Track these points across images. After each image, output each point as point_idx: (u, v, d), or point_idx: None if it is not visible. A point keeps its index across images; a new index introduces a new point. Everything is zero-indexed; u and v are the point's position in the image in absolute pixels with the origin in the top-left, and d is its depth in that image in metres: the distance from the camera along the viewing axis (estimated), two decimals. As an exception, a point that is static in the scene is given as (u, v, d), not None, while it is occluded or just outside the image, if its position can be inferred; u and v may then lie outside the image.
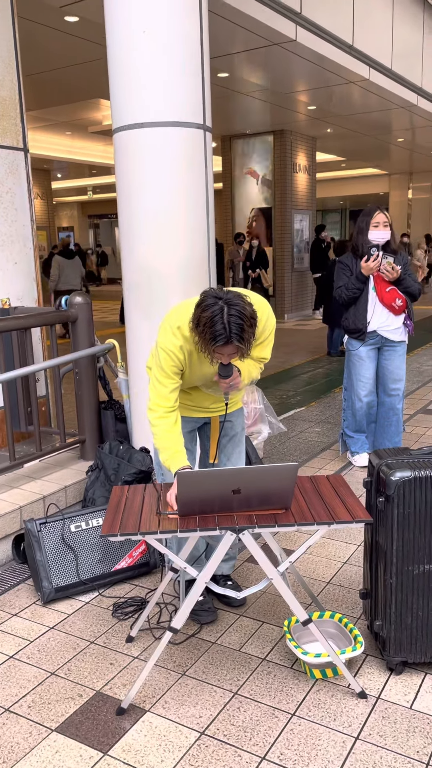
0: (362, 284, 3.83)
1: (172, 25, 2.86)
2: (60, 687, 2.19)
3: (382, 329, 3.89)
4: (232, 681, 2.20)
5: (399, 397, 4.04)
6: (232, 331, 1.94)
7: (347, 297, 3.89)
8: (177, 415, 2.26)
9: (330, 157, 15.39)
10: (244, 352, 2.02)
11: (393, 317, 3.87)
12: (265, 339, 2.27)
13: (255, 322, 1.99)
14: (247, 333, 1.96)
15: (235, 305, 1.95)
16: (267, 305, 2.25)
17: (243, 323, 1.94)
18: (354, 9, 7.18)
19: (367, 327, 3.87)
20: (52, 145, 13.92)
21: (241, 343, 1.97)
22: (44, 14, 5.61)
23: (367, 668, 2.25)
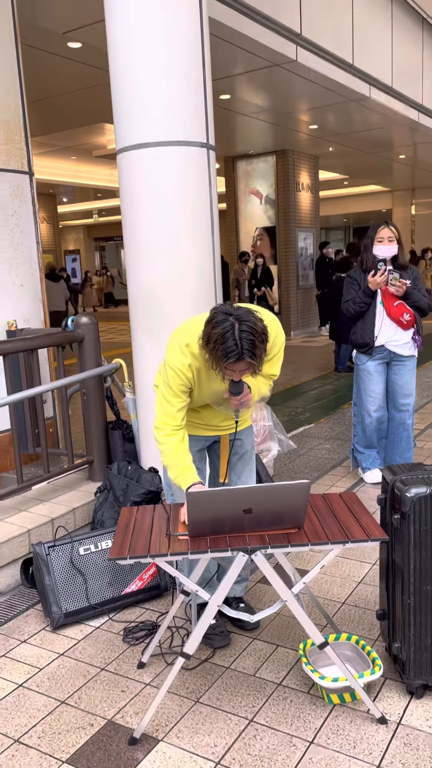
0: (369, 299, 3.81)
1: (173, 48, 2.88)
2: (71, 716, 2.13)
3: (391, 344, 3.86)
4: (247, 708, 2.13)
5: (409, 413, 4.00)
6: (244, 348, 1.91)
7: (354, 311, 3.87)
8: (184, 433, 2.23)
9: (333, 175, 15.49)
10: (256, 368, 1.99)
11: (401, 332, 3.84)
12: (275, 355, 2.24)
13: (266, 337, 1.97)
14: (259, 349, 1.93)
15: (246, 321, 1.92)
16: (276, 321, 2.22)
17: (254, 339, 1.92)
18: (353, 28, 7.26)
19: (374, 341, 3.85)
20: (57, 170, 14.10)
21: (253, 359, 1.94)
22: (48, 41, 5.69)
23: (387, 692, 2.18)
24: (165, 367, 2.18)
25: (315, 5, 6.47)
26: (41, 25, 5.28)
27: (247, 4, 5.45)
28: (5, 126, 3.73)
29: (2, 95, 3.70)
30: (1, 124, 3.71)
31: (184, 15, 2.90)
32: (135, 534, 2.05)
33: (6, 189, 3.75)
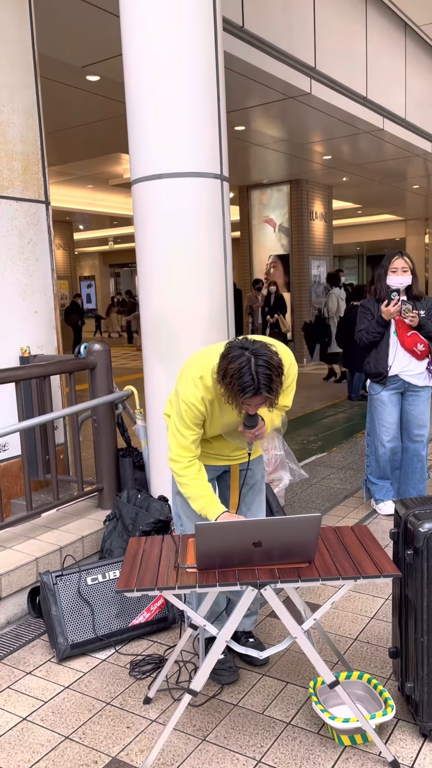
0: (382, 328, 3.80)
1: (188, 81, 2.93)
2: (74, 752, 2.08)
3: (405, 374, 3.83)
4: (255, 747, 2.08)
5: (423, 444, 3.95)
6: (261, 382, 1.90)
7: (368, 341, 3.86)
8: (200, 464, 2.23)
9: (346, 204, 15.61)
10: (273, 402, 1.98)
11: (415, 362, 3.81)
12: (287, 386, 2.22)
13: (282, 371, 1.96)
14: (275, 383, 1.93)
15: (262, 355, 1.92)
16: (289, 353, 2.22)
17: (271, 373, 1.91)
18: (367, 61, 7.37)
19: (388, 371, 3.82)
20: (74, 198, 14.34)
21: (270, 394, 1.93)
22: (66, 74, 5.83)
23: (399, 734, 2.12)
24: (177, 399, 2.17)
25: (329, 39, 6.59)
26: (60, 59, 5.41)
27: (261, 39, 5.56)
28: (23, 157, 3.80)
29: (21, 128, 3.78)
30: (20, 156, 3.78)
31: (200, 49, 2.95)
32: (143, 565, 2.02)
33: (22, 217, 3.81)
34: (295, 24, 6.03)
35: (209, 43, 2.98)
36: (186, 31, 2.90)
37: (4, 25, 3.65)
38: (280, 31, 5.80)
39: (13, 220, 3.75)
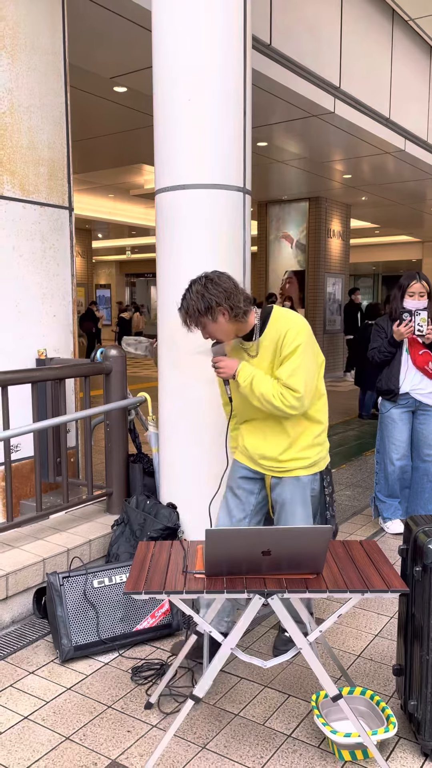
0: (394, 348, 3.82)
1: (217, 95, 2.98)
2: (74, 753, 2.09)
3: (416, 392, 3.84)
4: (255, 758, 2.07)
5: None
6: (182, 300, 2.24)
7: (379, 360, 3.88)
8: None
9: (364, 224, 15.66)
10: (187, 322, 2.23)
11: (427, 380, 3.82)
12: (285, 356, 2.22)
13: (205, 300, 2.17)
14: (188, 302, 2.21)
15: (195, 283, 2.24)
16: (294, 322, 2.26)
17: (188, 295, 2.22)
18: (392, 83, 7.44)
19: (399, 389, 3.83)
20: (95, 206, 14.50)
21: (182, 312, 2.23)
22: (95, 84, 5.93)
23: (400, 752, 2.10)
24: None
25: (354, 59, 6.66)
26: (90, 70, 5.51)
27: (288, 57, 5.64)
28: (50, 164, 3.87)
29: (50, 134, 3.85)
30: (46, 162, 3.85)
31: (230, 65, 3.00)
32: (151, 569, 2.03)
33: (46, 223, 3.87)
34: (321, 43, 6.11)
35: (239, 59, 3.03)
36: (217, 46, 2.96)
37: (39, 34, 3.73)
38: (306, 50, 5.88)
39: (36, 224, 3.81)
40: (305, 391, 2.21)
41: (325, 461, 2.49)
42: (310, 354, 2.25)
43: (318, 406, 2.39)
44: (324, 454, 2.47)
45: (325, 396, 2.43)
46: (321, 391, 2.39)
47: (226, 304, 2.18)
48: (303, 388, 2.21)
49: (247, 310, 2.24)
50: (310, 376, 2.24)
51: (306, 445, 2.38)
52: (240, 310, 2.21)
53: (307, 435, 2.38)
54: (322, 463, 2.47)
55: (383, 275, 24.19)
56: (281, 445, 2.37)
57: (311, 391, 2.26)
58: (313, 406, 2.37)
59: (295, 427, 2.36)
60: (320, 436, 2.42)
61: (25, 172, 3.73)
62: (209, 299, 2.17)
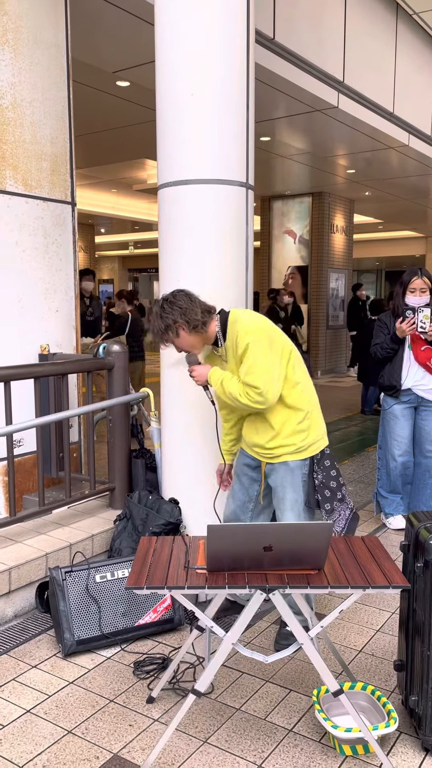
0: (396, 345, 3.81)
1: (220, 90, 2.97)
2: (76, 747, 2.10)
3: (418, 388, 3.84)
4: (256, 752, 2.08)
5: (436, 459, 3.94)
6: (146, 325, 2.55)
7: (381, 356, 3.88)
8: None
9: (367, 219, 15.61)
10: (155, 340, 2.45)
11: (429, 377, 3.82)
12: (240, 357, 2.38)
13: (161, 318, 2.39)
14: (150, 322, 2.43)
15: (154, 303, 2.45)
16: (242, 323, 2.38)
17: (150, 316, 2.45)
18: (395, 78, 7.41)
19: (401, 384, 3.83)
20: (97, 201, 14.47)
21: (150, 333, 2.45)
22: (97, 79, 5.91)
23: (401, 747, 2.11)
24: None
25: (358, 54, 6.63)
26: (92, 64, 5.50)
27: (291, 51, 5.61)
28: (52, 158, 3.86)
29: (52, 129, 3.84)
30: (49, 157, 3.84)
31: (233, 59, 2.99)
32: (153, 564, 2.04)
33: (49, 217, 3.86)
34: (325, 38, 6.08)
35: (242, 53, 3.02)
36: (219, 40, 2.94)
37: (41, 27, 3.72)
38: (310, 44, 5.85)
39: (39, 219, 3.81)
40: (265, 386, 2.34)
41: (317, 446, 2.53)
42: (263, 348, 2.35)
43: (294, 395, 2.46)
44: (312, 439, 2.51)
45: (302, 383, 2.48)
46: (294, 380, 2.45)
47: (182, 320, 2.38)
48: (261, 384, 2.33)
49: (206, 320, 2.42)
50: (267, 370, 2.35)
51: (290, 432, 2.48)
52: (198, 322, 2.39)
53: (290, 423, 2.47)
54: (313, 448, 2.52)
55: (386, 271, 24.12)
56: (268, 434, 2.50)
57: (274, 382, 2.36)
58: (289, 395, 2.45)
59: (276, 417, 2.47)
60: (303, 423, 2.49)
61: (27, 167, 3.73)
62: (167, 318, 2.38)
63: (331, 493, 2.54)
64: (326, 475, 2.54)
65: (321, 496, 2.53)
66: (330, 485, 2.54)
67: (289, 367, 2.44)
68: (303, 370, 2.50)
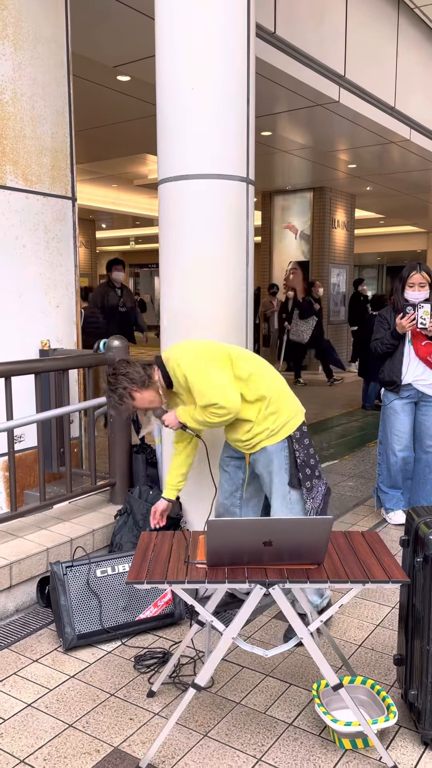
0: (396, 341, 3.81)
1: (220, 84, 2.96)
2: (77, 740, 2.11)
3: (418, 383, 3.84)
4: (256, 746, 2.09)
5: (436, 454, 3.95)
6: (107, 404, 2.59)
7: (382, 351, 3.88)
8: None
9: (369, 214, 15.58)
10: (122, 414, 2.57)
11: (429, 372, 3.82)
12: (188, 386, 2.45)
13: (111, 393, 2.47)
14: (109, 402, 2.50)
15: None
16: (173, 359, 2.47)
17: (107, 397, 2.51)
18: (397, 72, 7.38)
19: (401, 380, 3.83)
20: (98, 196, 14.44)
21: (112, 409, 2.53)
22: (98, 73, 5.89)
23: (400, 741, 2.12)
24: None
25: (360, 48, 6.60)
26: (93, 58, 5.48)
27: (292, 45, 5.59)
28: (53, 154, 3.86)
29: (52, 124, 3.83)
30: (49, 152, 3.84)
31: (233, 53, 2.98)
32: (153, 559, 2.04)
33: (49, 213, 3.86)
34: (326, 32, 6.06)
35: (242, 47, 3.01)
36: (220, 34, 2.93)
37: (40, 22, 3.71)
38: (311, 39, 5.82)
39: (39, 214, 3.80)
40: (221, 398, 2.40)
41: (291, 425, 2.57)
42: (199, 370, 2.44)
43: (251, 387, 2.51)
44: (284, 419, 2.55)
45: (254, 373, 2.53)
46: (243, 376, 2.51)
47: (129, 384, 2.46)
48: (217, 398, 2.40)
49: (149, 372, 2.51)
50: (215, 384, 2.42)
51: (261, 419, 2.54)
52: (143, 377, 2.48)
53: (260, 412, 2.53)
54: (287, 428, 2.56)
55: (388, 266, 24.08)
56: (244, 428, 2.57)
57: (228, 390, 2.43)
58: (247, 391, 2.51)
59: (245, 413, 2.53)
60: (270, 407, 2.53)
61: (27, 162, 3.72)
62: (117, 389, 2.47)
63: (311, 471, 2.59)
64: (306, 453, 2.59)
65: (302, 475, 2.57)
66: (310, 463, 2.59)
67: (234, 367, 2.51)
68: (251, 362, 2.56)
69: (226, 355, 2.52)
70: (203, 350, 2.51)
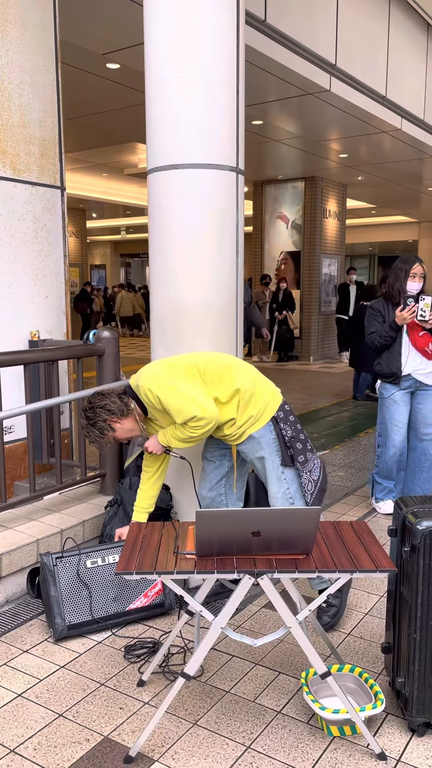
0: (395, 333, 3.82)
1: (209, 73, 2.94)
2: (67, 730, 2.12)
3: (417, 373, 3.87)
4: (245, 734, 2.11)
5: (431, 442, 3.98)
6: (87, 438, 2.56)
7: (380, 344, 3.88)
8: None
9: (360, 204, 15.57)
10: (103, 445, 2.53)
11: (426, 361, 3.85)
12: (162, 407, 2.46)
13: (90, 428, 2.47)
14: (88, 436, 2.50)
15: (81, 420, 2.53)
16: (145, 386, 2.47)
17: (86, 432, 2.51)
18: (388, 61, 7.35)
19: (401, 371, 3.85)
20: (88, 185, 14.35)
21: (93, 443, 2.52)
22: (87, 61, 5.84)
23: (388, 728, 2.15)
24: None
25: (351, 37, 6.57)
26: (81, 46, 5.42)
27: (283, 33, 5.55)
28: (41, 143, 3.82)
29: (41, 113, 3.80)
30: (38, 141, 3.80)
31: (222, 41, 2.96)
32: (143, 550, 2.05)
33: (38, 202, 3.83)
34: (317, 20, 6.02)
35: (231, 35, 2.98)
36: (209, 21, 2.91)
37: (27, 9, 3.66)
38: (302, 27, 5.79)
39: (28, 204, 3.77)
40: (198, 411, 2.41)
41: (271, 407, 2.58)
42: (171, 388, 2.44)
43: (224, 389, 2.52)
44: (262, 404, 2.57)
45: (225, 373, 2.53)
46: (215, 381, 2.52)
47: (108, 415, 2.46)
48: (194, 412, 2.41)
49: (125, 401, 2.51)
50: (189, 399, 2.42)
51: (241, 411, 2.55)
52: (121, 407, 2.48)
53: (239, 405, 2.55)
54: (268, 411, 2.58)
55: (379, 256, 24.10)
56: (228, 424, 2.58)
57: (203, 400, 2.43)
58: (223, 393, 2.52)
59: (227, 414, 2.54)
60: (245, 395, 2.54)
61: (15, 150, 3.69)
62: (96, 423, 2.46)
63: (302, 445, 2.60)
64: (294, 428, 2.60)
65: (294, 450, 2.58)
66: (300, 437, 2.60)
67: (204, 375, 2.52)
68: (218, 362, 2.55)
69: (191, 366, 2.52)
70: (169, 369, 2.51)
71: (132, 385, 2.57)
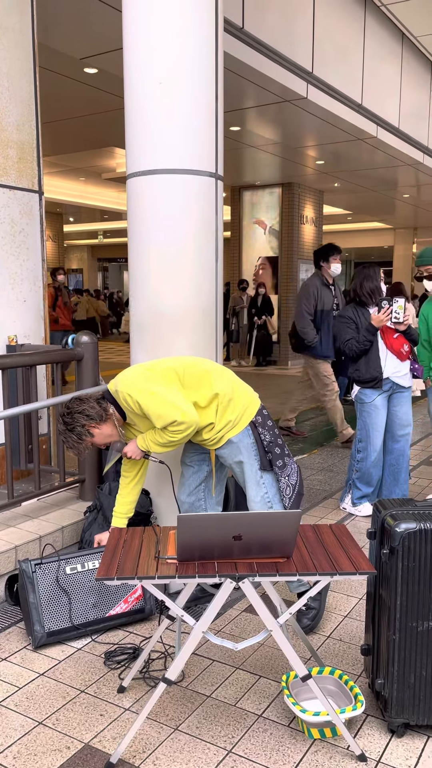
0: (373, 336, 3.87)
1: (188, 78, 2.95)
2: (47, 738, 2.10)
3: (395, 376, 3.93)
4: (226, 738, 2.11)
5: (408, 441, 4.04)
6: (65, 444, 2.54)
7: (358, 350, 3.91)
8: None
9: (337, 210, 15.72)
10: (81, 451, 2.50)
11: (400, 363, 3.91)
12: (142, 411, 2.45)
13: (69, 433, 2.44)
14: (66, 441, 2.47)
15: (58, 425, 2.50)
16: (123, 392, 2.46)
17: (64, 438, 2.48)
18: (364, 69, 7.45)
19: (382, 374, 3.90)
20: (66, 189, 14.28)
21: (70, 449, 2.51)
22: (65, 65, 5.82)
23: (368, 729, 2.16)
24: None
25: (327, 45, 6.65)
26: (59, 50, 5.41)
27: (261, 41, 5.60)
28: (19, 146, 3.80)
29: (18, 117, 3.78)
30: (15, 145, 3.78)
31: (201, 47, 2.98)
32: (123, 555, 2.04)
33: (16, 206, 3.81)
34: (294, 28, 6.08)
35: (210, 41, 3.00)
36: (188, 27, 2.92)
37: (5, 12, 3.65)
38: (279, 35, 5.84)
39: (5, 208, 3.75)
40: (178, 415, 2.41)
41: (249, 411, 2.59)
42: (150, 393, 2.44)
43: (203, 393, 2.53)
44: (240, 408, 2.57)
45: (203, 377, 2.54)
46: (194, 385, 2.53)
47: (87, 421, 2.44)
48: (174, 416, 2.41)
49: (104, 405, 2.50)
50: (169, 403, 2.42)
51: (220, 415, 2.55)
52: (100, 412, 2.46)
53: (217, 409, 2.55)
54: (246, 415, 2.58)
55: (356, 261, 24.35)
56: (207, 429, 2.58)
57: (182, 405, 2.43)
58: (201, 397, 2.52)
59: (206, 419, 2.54)
60: (223, 400, 2.55)
61: (-7, 154, 3.66)
62: (75, 428, 2.44)
63: (280, 450, 2.61)
64: (272, 433, 2.61)
65: (272, 454, 2.59)
66: (278, 442, 2.62)
67: (183, 379, 2.52)
68: (197, 366, 2.55)
69: (170, 370, 2.52)
70: (147, 374, 2.50)
71: (110, 390, 2.55)
